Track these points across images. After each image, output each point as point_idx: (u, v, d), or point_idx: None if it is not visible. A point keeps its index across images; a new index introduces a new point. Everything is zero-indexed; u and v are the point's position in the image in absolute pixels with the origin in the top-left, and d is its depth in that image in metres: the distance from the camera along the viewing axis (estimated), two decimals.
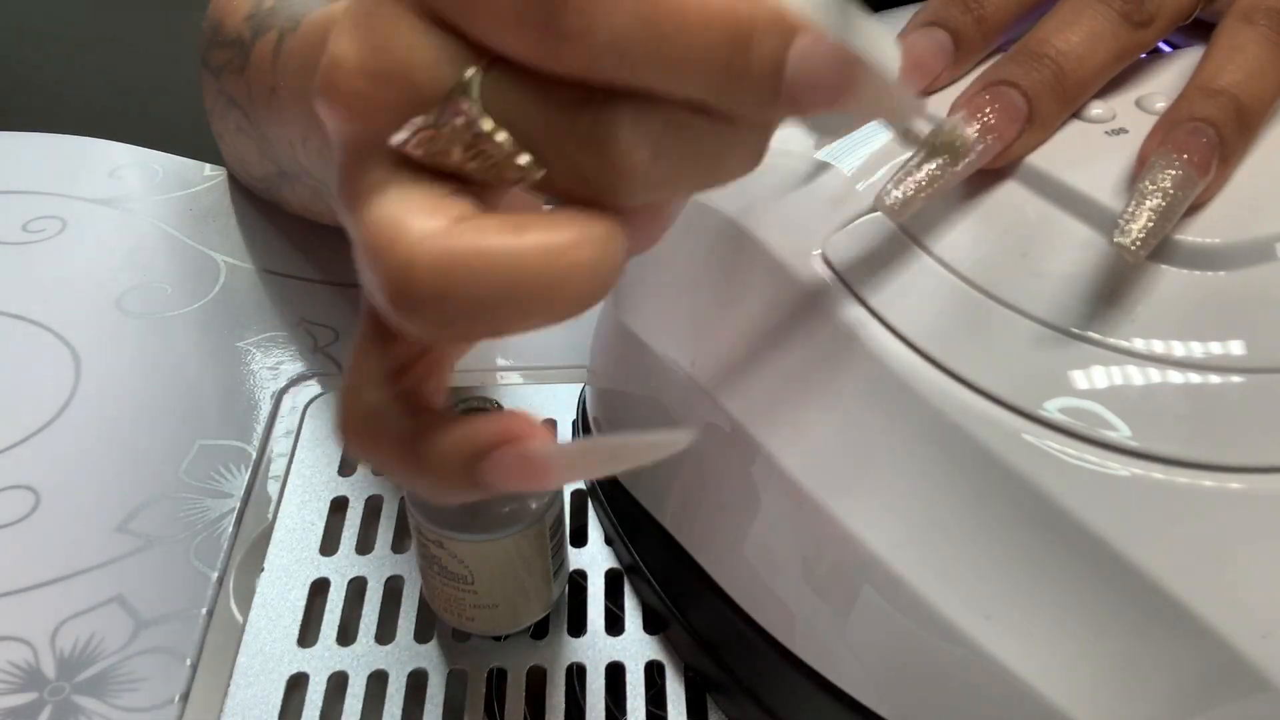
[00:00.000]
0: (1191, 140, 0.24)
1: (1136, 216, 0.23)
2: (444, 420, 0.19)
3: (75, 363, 0.43)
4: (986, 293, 0.24)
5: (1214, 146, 0.24)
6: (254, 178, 0.48)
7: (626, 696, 0.31)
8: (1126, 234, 0.23)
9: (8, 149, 0.57)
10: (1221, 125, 0.24)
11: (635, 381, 0.32)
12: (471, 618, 0.31)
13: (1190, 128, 0.24)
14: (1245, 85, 0.25)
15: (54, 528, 0.36)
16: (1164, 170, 0.23)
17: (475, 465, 0.19)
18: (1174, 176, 0.23)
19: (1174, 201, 0.23)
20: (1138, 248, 0.22)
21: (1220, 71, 0.25)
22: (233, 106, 0.44)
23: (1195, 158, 0.24)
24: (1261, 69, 0.25)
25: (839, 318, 0.26)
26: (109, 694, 0.31)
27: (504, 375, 0.42)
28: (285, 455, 0.39)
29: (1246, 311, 0.23)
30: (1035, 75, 0.25)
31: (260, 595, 0.33)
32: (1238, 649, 0.22)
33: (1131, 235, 0.22)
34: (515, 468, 0.19)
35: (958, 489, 0.24)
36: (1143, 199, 0.23)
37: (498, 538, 0.29)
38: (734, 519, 0.28)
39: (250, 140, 0.44)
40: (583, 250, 0.17)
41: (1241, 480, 0.22)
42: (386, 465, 0.20)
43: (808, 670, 0.27)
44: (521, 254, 0.17)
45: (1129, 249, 0.22)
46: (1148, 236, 0.23)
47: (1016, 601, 0.23)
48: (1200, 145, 0.24)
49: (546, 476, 0.19)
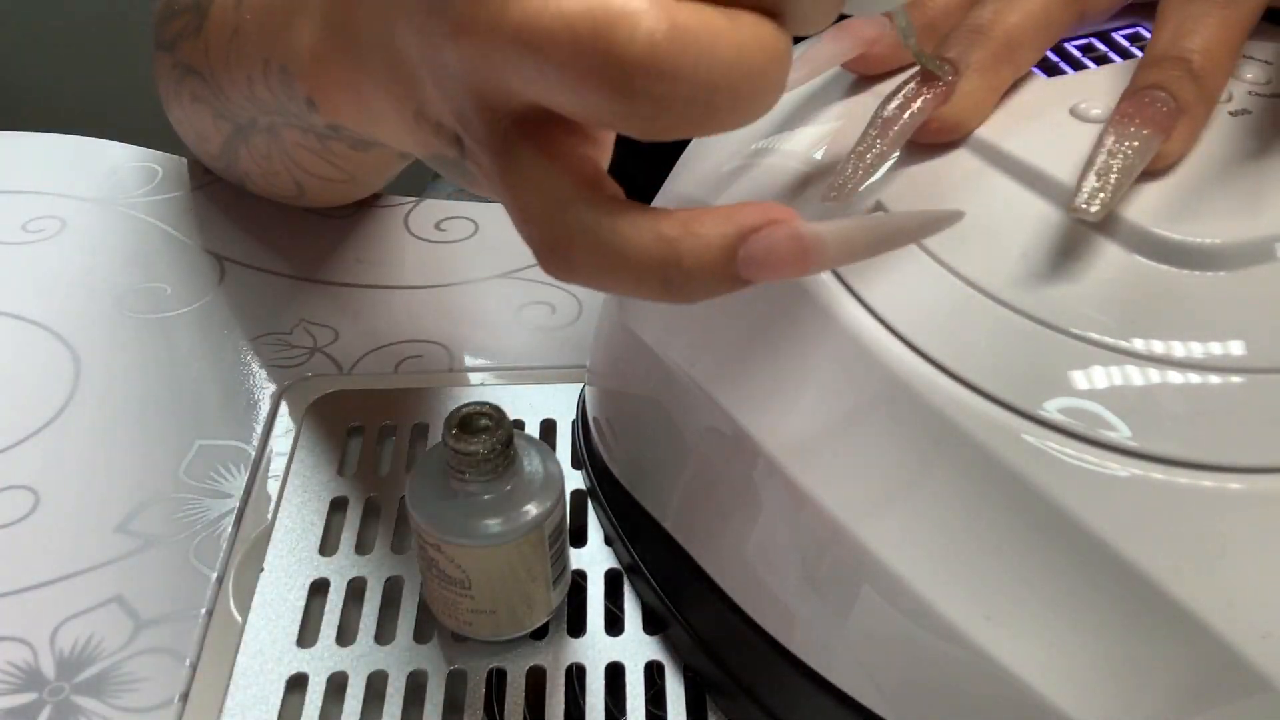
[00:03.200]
0: (1145, 105, 0.24)
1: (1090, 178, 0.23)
2: (691, 211, 0.19)
3: (75, 363, 0.43)
4: (986, 293, 0.24)
5: (1170, 108, 0.24)
6: (212, 154, 0.49)
7: (626, 697, 0.31)
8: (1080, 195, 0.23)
9: (8, 149, 0.57)
10: (1175, 88, 0.25)
11: (635, 382, 0.32)
12: (469, 622, 0.31)
13: (1142, 95, 0.25)
14: (1196, 48, 0.25)
15: (54, 528, 0.36)
16: (1118, 133, 0.24)
17: (741, 250, 0.18)
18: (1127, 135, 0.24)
19: (1128, 161, 0.24)
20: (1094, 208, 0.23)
21: (1170, 44, 0.26)
22: (189, 74, 0.44)
23: (1147, 116, 0.24)
24: (1210, 29, 0.26)
25: (839, 318, 0.26)
26: (108, 694, 0.31)
27: (503, 375, 0.42)
28: (285, 455, 0.39)
29: (1246, 311, 0.23)
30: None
31: (260, 595, 0.33)
32: (1237, 649, 0.22)
33: (1083, 196, 0.23)
34: (785, 246, 0.18)
35: (958, 489, 0.24)
36: (1095, 161, 0.24)
37: (495, 544, 0.29)
38: (734, 519, 0.28)
39: (206, 106, 0.45)
40: (780, 43, 0.18)
41: (1241, 480, 0.22)
42: (628, 271, 0.19)
43: (807, 670, 0.27)
44: (742, 39, 0.17)
45: (1089, 214, 0.23)
46: (1104, 197, 0.23)
47: (1016, 601, 0.23)
48: (1154, 108, 0.24)
49: (820, 255, 0.18)
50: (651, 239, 0.19)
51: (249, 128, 0.44)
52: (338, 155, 0.42)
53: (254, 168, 0.47)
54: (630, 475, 0.33)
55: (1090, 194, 0.23)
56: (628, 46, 0.17)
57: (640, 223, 0.19)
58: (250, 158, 0.46)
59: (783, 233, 0.18)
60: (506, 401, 0.40)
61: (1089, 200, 0.23)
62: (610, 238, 0.19)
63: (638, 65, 0.17)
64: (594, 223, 0.19)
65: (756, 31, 0.17)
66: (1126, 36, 0.30)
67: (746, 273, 0.18)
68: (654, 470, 0.32)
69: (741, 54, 0.17)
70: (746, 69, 0.17)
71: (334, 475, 0.38)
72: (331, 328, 0.45)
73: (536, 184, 0.19)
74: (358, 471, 0.38)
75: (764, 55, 0.17)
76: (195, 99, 0.45)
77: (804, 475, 0.26)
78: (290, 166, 0.45)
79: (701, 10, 0.17)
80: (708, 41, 0.17)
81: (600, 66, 0.17)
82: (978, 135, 0.27)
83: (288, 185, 0.47)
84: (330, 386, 0.42)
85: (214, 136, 0.47)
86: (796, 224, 0.18)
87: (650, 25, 0.17)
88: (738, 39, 0.17)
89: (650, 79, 0.17)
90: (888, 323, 0.25)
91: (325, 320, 0.45)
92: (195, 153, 0.51)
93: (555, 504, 0.30)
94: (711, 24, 0.17)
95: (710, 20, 0.17)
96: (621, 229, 0.19)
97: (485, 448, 0.28)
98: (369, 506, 0.37)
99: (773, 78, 0.18)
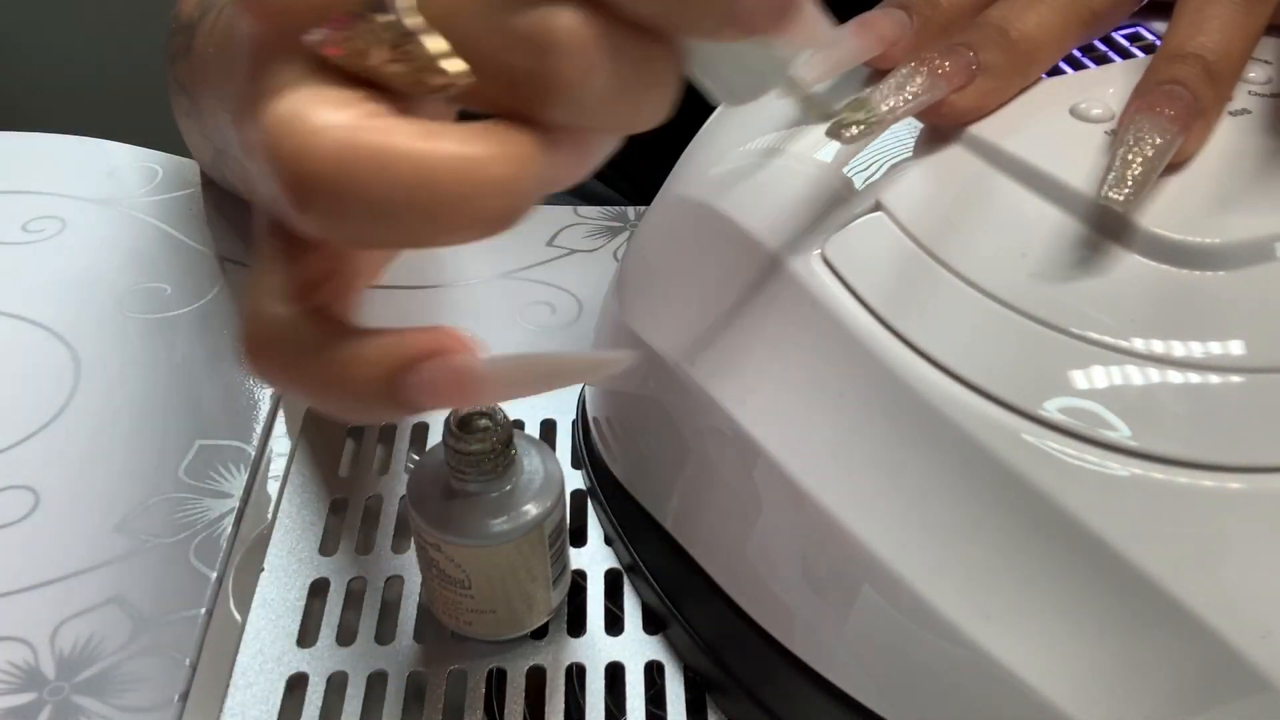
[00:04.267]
0: (1167, 99, 0.25)
1: (1122, 168, 0.23)
2: (363, 331, 0.18)
3: (75, 363, 0.43)
4: (987, 293, 0.24)
5: (1189, 104, 0.25)
6: (205, 166, 0.49)
7: (626, 696, 0.31)
8: (1114, 186, 0.23)
9: (8, 149, 0.57)
10: (1192, 84, 0.25)
11: (635, 381, 0.32)
12: (469, 622, 0.31)
13: (1165, 89, 0.25)
14: (1213, 48, 0.26)
15: (53, 528, 0.36)
16: (1143, 125, 0.24)
17: (400, 378, 0.18)
18: (1153, 128, 0.24)
19: (1157, 152, 0.24)
20: (1126, 197, 0.23)
21: (1187, 39, 0.26)
22: (179, 92, 0.45)
23: (1171, 112, 0.24)
24: (1227, 31, 0.26)
25: (839, 318, 0.26)
26: (108, 694, 0.31)
27: None
28: (285, 455, 0.38)
29: (1246, 311, 0.23)
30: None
31: (260, 595, 0.33)
32: (1237, 649, 0.22)
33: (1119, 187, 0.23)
34: (445, 381, 0.18)
35: (957, 489, 0.24)
36: (1125, 152, 0.24)
37: (495, 543, 0.29)
38: (734, 519, 0.28)
39: (194, 124, 0.45)
40: (497, 166, 0.16)
41: (1241, 480, 0.22)
42: (295, 384, 0.19)
43: (807, 670, 0.27)
44: (430, 159, 0.16)
45: (1118, 201, 0.23)
46: (1135, 187, 0.23)
47: (1016, 601, 0.23)
48: (1175, 103, 0.24)
49: (479, 391, 0.18)
50: (324, 360, 0.18)
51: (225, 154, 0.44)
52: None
53: (240, 185, 0.47)
54: (630, 475, 0.33)
55: (1118, 179, 0.23)
56: (296, 160, 0.16)
57: (319, 342, 0.18)
58: (233, 174, 0.47)
59: (445, 365, 0.18)
60: (506, 401, 0.40)
61: (1117, 186, 0.23)
62: (294, 351, 0.19)
63: (298, 180, 0.16)
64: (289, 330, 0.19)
65: (471, 151, 0.16)
66: (1126, 36, 0.30)
67: (413, 400, 0.18)
68: (654, 470, 0.32)
69: (429, 174, 0.16)
70: (431, 190, 0.16)
71: (334, 475, 0.38)
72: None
73: (261, 270, 0.19)
74: (358, 471, 0.38)
75: (457, 176, 0.16)
76: (186, 116, 0.46)
77: (803, 475, 0.26)
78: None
79: (395, 127, 0.16)
80: (384, 159, 0.16)
81: (280, 175, 0.16)
82: (978, 135, 0.27)
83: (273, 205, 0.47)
84: None
85: (203, 153, 0.47)
86: (460, 357, 0.18)
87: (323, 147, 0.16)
88: (426, 158, 0.16)
89: (315, 193, 0.16)
90: (887, 323, 0.25)
91: None
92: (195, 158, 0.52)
93: (555, 504, 0.30)
94: (395, 142, 0.16)
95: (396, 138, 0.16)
96: (306, 345, 0.18)
97: (485, 447, 0.28)
98: (369, 507, 0.37)
99: (486, 199, 0.16)
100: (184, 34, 0.43)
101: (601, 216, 0.52)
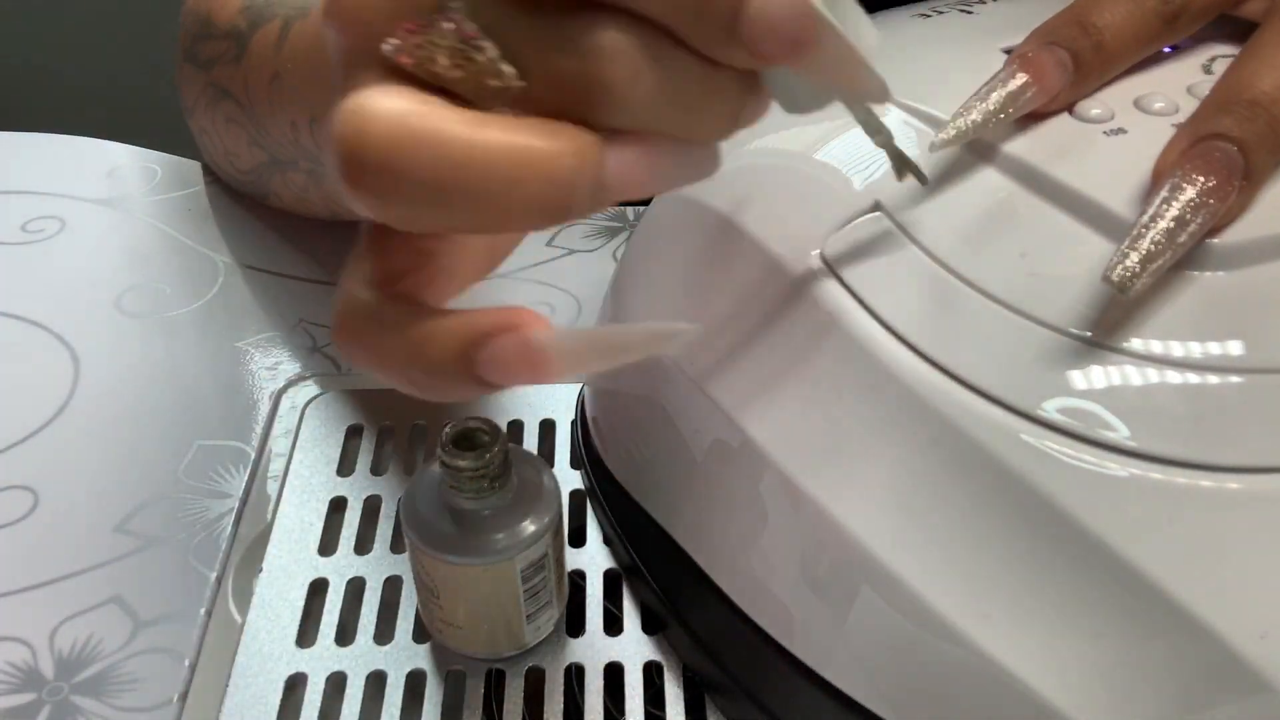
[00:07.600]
0: (1211, 161, 0.22)
1: (1132, 252, 0.21)
2: (440, 312, 0.19)
3: (74, 363, 0.43)
4: (986, 294, 0.24)
5: (1237, 168, 0.22)
6: (240, 170, 0.49)
7: (625, 697, 0.31)
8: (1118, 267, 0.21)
9: (8, 149, 0.57)
10: (1249, 144, 0.22)
11: (635, 382, 0.32)
12: (440, 630, 0.31)
13: (1211, 148, 0.22)
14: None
15: (53, 528, 0.36)
16: (1175, 198, 0.22)
17: (473, 354, 0.18)
18: (1185, 205, 0.22)
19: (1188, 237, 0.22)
20: (1137, 290, 0.21)
21: (1255, 78, 0.23)
22: (224, 97, 0.45)
23: (1213, 182, 0.21)
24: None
25: (838, 319, 0.26)
26: (107, 694, 0.31)
27: None
28: (284, 455, 0.38)
29: (1246, 311, 0.23)
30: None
31: (259, 595, 0.33)
32: (1235, 649, 0.22)
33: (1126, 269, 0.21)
34: (516, 355, 0.18)
35: (957, 489, 0.24)
36: (1142, 231, 0.22)
37: (458, 562, 0.28)
38: (732, 519, 0.28)
39: (242, 130, 0.45)
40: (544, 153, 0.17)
41: (1240, 480, 0.22)
42: (376, 360, 0.20)
43: (806, 670, 0.27)
44: (477, 141, 0.17)
45: (1126, 290, 0.21)
46: (1150, 276, 0.21)
47: (1016, 601, 0.23)
48: (1220, 170, 0.22)
49: (548, 366, 0.19)
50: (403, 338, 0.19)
51: (288, 165, 0.44)
52: None
53: (285, 194, 0.47)
54: (629, 475, 0.33)
55: (1130, 270, 0.21)
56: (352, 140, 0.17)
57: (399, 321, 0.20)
58: (284, 185, 0.47)
59: (515, 340, 0.18)
60: (506, 401, 0.40)
61: (1129, 277, 0.21)
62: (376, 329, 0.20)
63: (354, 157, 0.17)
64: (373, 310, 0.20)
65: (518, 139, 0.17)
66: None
67: (485, 375, 0.19)
68: (653, 470, 0.32)
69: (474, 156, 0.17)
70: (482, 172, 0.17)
71: (332, 475, 0.38)
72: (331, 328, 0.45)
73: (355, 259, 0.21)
74: (357, 471, 0.38)
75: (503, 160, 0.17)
76: (230, 121, 0.45)
77: (802, 475, 0.26)
78: (329, 203, 0.45)
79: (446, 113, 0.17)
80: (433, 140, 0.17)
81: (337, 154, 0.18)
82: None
83: (320, 210, 0.47)
84: (329, 386, 0.42)
85: (246, 158, 0.47)
86: (528, 333, 0.19)
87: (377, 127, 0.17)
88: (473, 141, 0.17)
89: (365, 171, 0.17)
90: (886, 323, 0.25)
91: (325, 320, 0.45)
92: (214, 163, 0.51)
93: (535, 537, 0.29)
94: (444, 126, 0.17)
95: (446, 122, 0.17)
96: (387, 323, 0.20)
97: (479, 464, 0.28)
98: (368, 506, 0.37)
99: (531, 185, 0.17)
100: (227, 41, 0.43)
101: (601, 217, 0.52)
